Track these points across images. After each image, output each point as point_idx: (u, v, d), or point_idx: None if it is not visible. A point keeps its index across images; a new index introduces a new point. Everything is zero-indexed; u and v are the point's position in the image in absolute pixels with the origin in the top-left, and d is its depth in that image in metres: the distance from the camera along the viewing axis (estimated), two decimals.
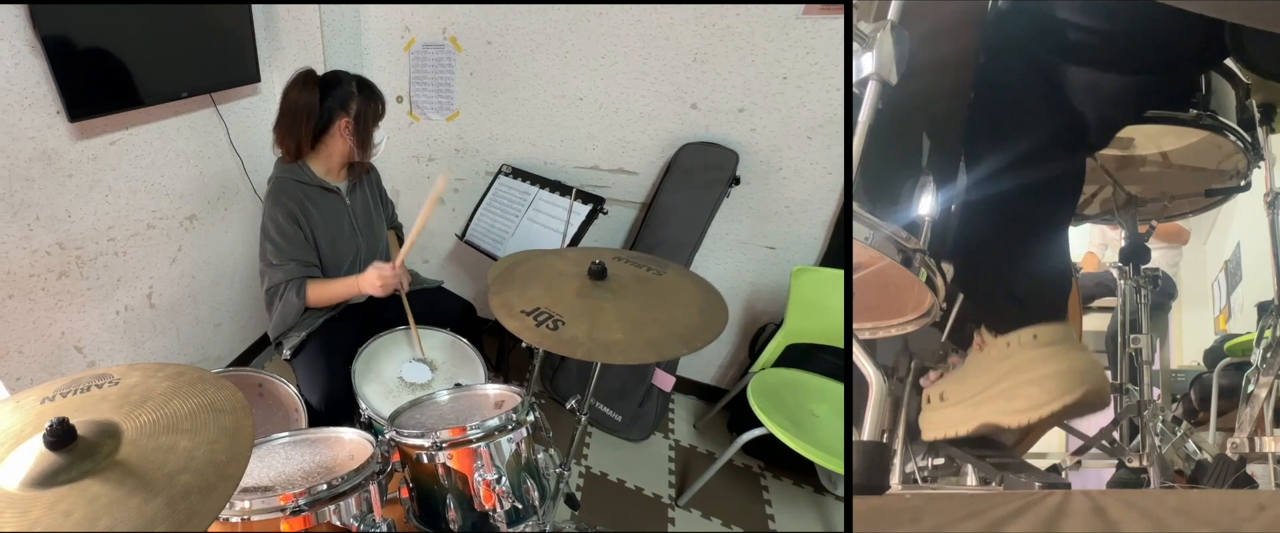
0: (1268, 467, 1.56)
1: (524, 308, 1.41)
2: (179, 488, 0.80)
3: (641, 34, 2.32)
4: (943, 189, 1.13)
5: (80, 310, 2.01)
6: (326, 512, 1.11)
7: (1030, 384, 1.08)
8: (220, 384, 1.00)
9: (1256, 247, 3.24)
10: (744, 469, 2.46)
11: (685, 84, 2.35)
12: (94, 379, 1.02)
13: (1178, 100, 1.44)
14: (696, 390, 2.85)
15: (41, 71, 1.70)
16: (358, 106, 1.77)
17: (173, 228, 2.28)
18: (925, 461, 1.51)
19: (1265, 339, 1.57)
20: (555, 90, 2.51)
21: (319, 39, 2.47)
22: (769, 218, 2.47)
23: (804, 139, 2.30)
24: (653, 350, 1.35)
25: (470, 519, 1.31)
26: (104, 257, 2.05)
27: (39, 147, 1.77)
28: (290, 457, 1.27)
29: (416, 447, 1.32)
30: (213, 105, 2.30)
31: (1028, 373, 1.09)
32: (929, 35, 1.08)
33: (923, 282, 1.11)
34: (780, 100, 2.27)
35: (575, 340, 1.34)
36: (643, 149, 2.50)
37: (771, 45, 2.20)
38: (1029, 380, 1.08)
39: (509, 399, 1.45)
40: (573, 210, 2.39)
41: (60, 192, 1.86)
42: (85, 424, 0.87)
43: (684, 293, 1.54)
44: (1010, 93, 1.14)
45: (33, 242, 1.82)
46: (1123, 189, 1.71)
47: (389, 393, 1.71)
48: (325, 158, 1.84)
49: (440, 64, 2.64)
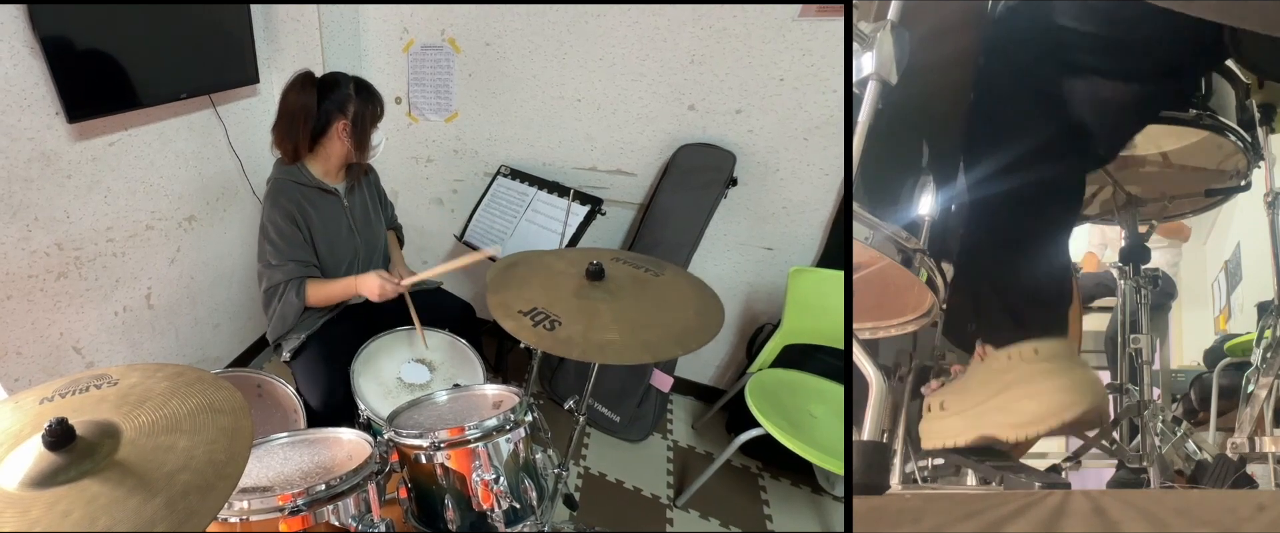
0: (1268, 467, 1.55)
1: (521, 308, 1.42)
2: (178, 488, 0.80)
3: (639, 35, 2.32)
4: (943, 189, 1.13)
5: (79, 311, 2.01)
6: (325, 512, 1.11)
7: (1029, 399, 1.08)
8: (219, 385, 1.00)
9: (1256, 247, 3.24)
10: (742, 469, 2.46)
11: (683, 85, 2.35)
12: (93, 380, 1.02)
13: (1179, 103, 1.44)
14: (694, 391, 2.85)
15: (40, 72, 1.69)
16: (355, 108, 1.77)
17: (171, 229, 2.28)
18: (925, 461, 1.51)
19: (1265, 339, 1.57)
20: (553, 91, 2.52)
21: (318, 40, 2.48)
22: (766, 219, 2.47)
23: (801, 140, 2.30)
24: (649, 351, 1.35)
25: (468, 519, 1.30)
26: (103, 258, 2.04)
27: (38, 147, 1.76)
28: (289, 457, 1.27)
29: (415, 447, 1.32)
30: (212, 106, 2.30)
31: (1027, 387, 1.09)
32: (929, 35, 1.08)
33: (923, 282, 1.11)
34: (777, 102, 2.27)
35: (571, 341, 1.34)
36: (641, 150, 2.50)
37: (768, 47, 2.20)
38: (1028, 395, 1.08)
39: (507, 400, 1.45)
40: (571, 211, 2.39)
41: (59, 192, 1.86)
42: (84, 425, 0.87)
43: (681, 294, 1.54)
44: (1010, 102, 1.13)
45: (31, 242, 1.81)
46: (1123, 189, 1.71)
47: (387, 393, 1.71)
48: (323, 159, 1.84)
49: (439, 65, 2.65)
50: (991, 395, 1.13)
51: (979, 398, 1.14)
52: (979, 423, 1.13)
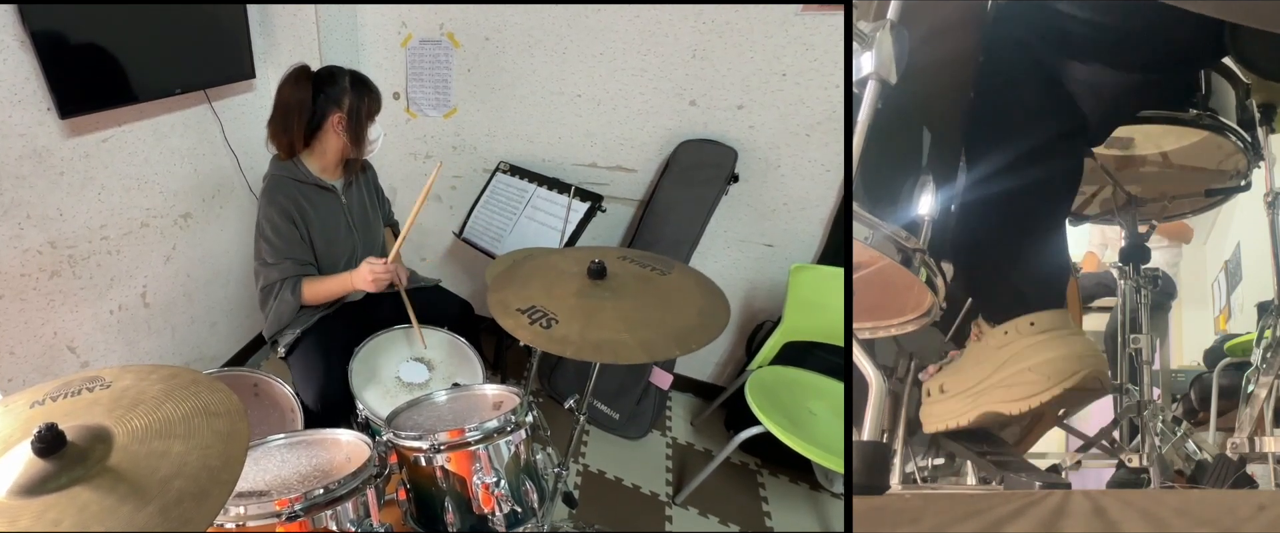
0: (1268, 467, 1.55)
1: (519, 306, 1.41)
2: (172, 495, 0.79)
3: (640, 30, 2.30)
4: (943, 188, 1.12)
5: (73, 310, 1.99)
6: (323, 517, 1.10)
7: (1029, 371, 1.08)
8: (214, 387, 0.98)
9: (1256, 247, 3.24)
10: (741, 467, 2.46)
11: (684, 81, 2.34)
12: (85, 382, 1.01)
13: (1178, 99, 1.44)
14: (694, 388, 2.85)
15: (31, 67, 1.68)
16: (351, 102, 1.76)
17: (167, 226, 2.27)
18: (925, 460, 1.50)
19: (1265, 339, 1.56)
20: (553, 87, 2.50)
21: (315, 35, 2.46)
22: (767, 215, 2.46)
23: (802, 137, 2.29)
24: (646, 351, 1.34)
25: (468, 522, 1.30)
26: (97, 256, 2.03)
27: (29, 144, 1.75)
28: (286, 460, 1.26)
29: (414, 449, 1.31)
30: (207, 102, 2.28)
31: (1026, 360, 1.09)
32: (929, 35, 1.08)
33: (923, 282, 1.11)
34: (779, 97, 2.26)
35: (567, 339, 1.34)
36: (641, 146, 2.49)
37: (770, 42, 2.18)
38: (1028, 367, 1.08)
39: (507, 400, 1.44)
40: (571, 208, 2.38)
41: (52, 190, 1.84)
42: (75, 430, 0.86)
43: (685, 294, 1.53)
44: (1010, 90, 1.14)
45: (24, 241, 1.80)
46: (1123, 189, 1.70)
47: (386, 393, 1.70)
48: (320, 155, 1.82)
49: (437, 60, 2.63)
50: (991, 373, 1.13)
51: (978, 376, 1.15)
52: (980, 401, 1.13)
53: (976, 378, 1.15)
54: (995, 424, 1.16)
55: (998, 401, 1.11)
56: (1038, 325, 1.10)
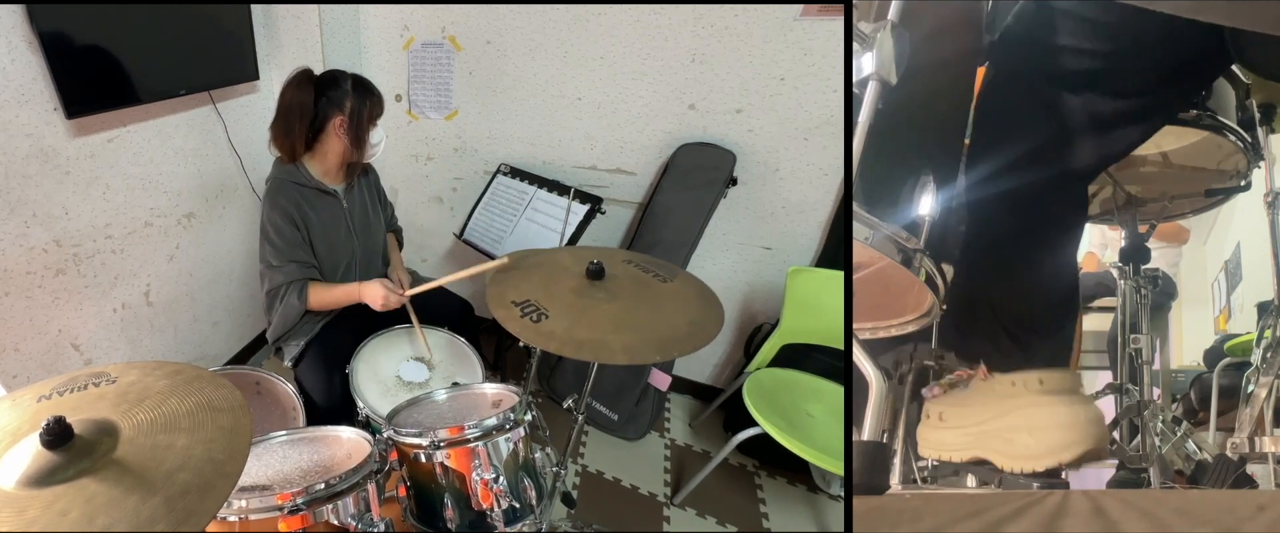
0: (1268, 467, 1.55)
1: (514, 298, 1.43)
2: (176, 487, 0.80)
3: (640, 34, 2.32)
4: (943, 189, 1.13)
5: (77, 308, 2.00)
6: (324, 511, 1.10)
7: (1028, 434, 1.07)
8: (218, 383, 0.99)
9: (1256, 247, 3.24)
10: (739, 468, 2.46)
11: (683, 84, 2.35)
12: (91, 377, 1.02)
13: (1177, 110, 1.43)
14: (692, 390, 2.85)
15: (39, 68, 1.69)
16: (352, 105, 1.76)
17: (170, 226, 2.28)
18: (925, 461, 1.51)
19: (1265, 339, 1.57)
20: (554, 90, 2.51)
21: (318, 37, 2.47)
22: (765, 218, 2.47)
23: (801, 140, 2.29)
24: (626, 354, 1.36)
25: (467, 518, 1.30)
26: (102, 254, 2.04)
27: (36, 143, 1.76)
28: (288, 455, 1.27)
29: (414, 446, 1.32)
30: (211, 103, 2.29)
31: (1028, 420, 1.07)
32: (929, 35, 1.08)
33: (922, 282, 1.11)
34: (778, 101, 2.27)
35: (552, 334, 1.36)
36: (640, 149, 2.50)
37: (769, 46, 2.20)
38: (1027, 429, 1.07)
39: (506, 399, 1.45)
40: (571, 210, 2.39)
41: (57, 189, 1.85)
42: (82, 423, 0.87)
43: (680, 303, 1.54)
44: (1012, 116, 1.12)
45: (30, 239, 1.81)
46: (1123, 189, 1.71)
47: (386, 391, 1.70)
48: (322, 158, 1.83)
49: (439, 63, 2.64)
50: (992, 418, 1.12)
51: (979, 417, 1.13)
52: (976, 444, 1.13)
53: (977, 418, 1.13)
54: (986, 471, 1.16)
55: (992, 451, 1.10)
56: (1046, 385, 1.08)
